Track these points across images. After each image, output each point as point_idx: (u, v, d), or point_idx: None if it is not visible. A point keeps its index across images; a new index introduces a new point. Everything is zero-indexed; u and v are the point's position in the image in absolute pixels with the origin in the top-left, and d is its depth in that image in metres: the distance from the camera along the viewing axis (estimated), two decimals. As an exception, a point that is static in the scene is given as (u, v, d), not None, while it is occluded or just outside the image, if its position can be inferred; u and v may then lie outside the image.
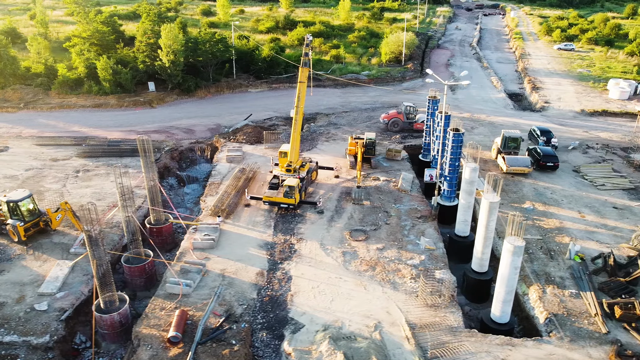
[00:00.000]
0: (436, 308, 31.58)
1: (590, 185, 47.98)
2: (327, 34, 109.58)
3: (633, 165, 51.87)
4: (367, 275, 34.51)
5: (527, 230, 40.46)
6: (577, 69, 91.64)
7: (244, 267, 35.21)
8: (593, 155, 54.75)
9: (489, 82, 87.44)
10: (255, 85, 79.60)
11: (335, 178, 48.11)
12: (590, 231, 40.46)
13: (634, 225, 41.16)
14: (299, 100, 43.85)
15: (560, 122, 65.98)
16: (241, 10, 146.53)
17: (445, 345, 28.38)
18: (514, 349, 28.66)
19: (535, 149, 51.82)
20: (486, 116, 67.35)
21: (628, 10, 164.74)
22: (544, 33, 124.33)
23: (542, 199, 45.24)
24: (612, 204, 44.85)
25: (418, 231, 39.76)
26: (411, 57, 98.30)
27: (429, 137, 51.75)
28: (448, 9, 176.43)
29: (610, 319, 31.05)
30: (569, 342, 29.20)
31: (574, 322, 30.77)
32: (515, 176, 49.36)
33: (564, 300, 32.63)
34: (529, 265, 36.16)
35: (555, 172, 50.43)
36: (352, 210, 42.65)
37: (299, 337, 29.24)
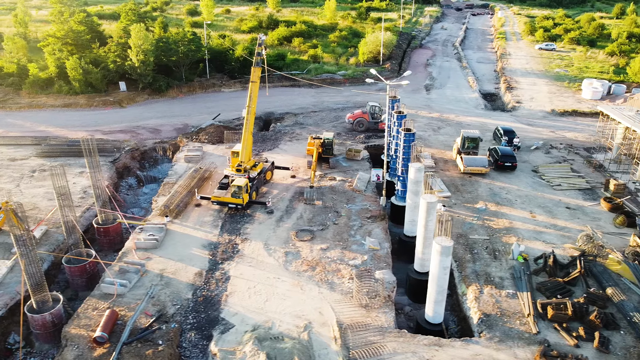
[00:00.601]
0: (370, 308, 31.51)
1: (547, 186, 47.92)
2: (308, 34, 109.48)
3: (593, 165, 51.80)
4: (306, 275, 34.47)
5: (475, 231, 40.50)
6: (554, 69, 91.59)
7: (184, 267, 35.17)
8: (555, 156, 54.68)
9: (465, 82, 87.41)
10: (228, 85, 79.57)
11: (292, 178, 48.06)
12: (538, 231, 40.40)
13: (583, 226, 41.09)
14: (251, 100, 43.80)
15: (529, 122, 65.93)
16: (227, 10, 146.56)
17: (370, 346, 28.32)
18: (440, 349, 28.60)
19: (495, 149, 51.76)
20: (455, 116, 67.29)
21: (616, 10, 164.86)
22: (527, 33, 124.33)
23: (496, 199, 45.18)
24: (565, 204, 44.78)
25: (365, 231, 39.72)
26: (390, 57, 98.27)
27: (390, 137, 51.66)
28: (436, 9, 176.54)
29: (543, 320, 31.01)
30: (497, 343, 29.15)
31: (506, 323, 30.72)
32: (473, 176, 49.30)
33: (499, 301, 32.57)
34: (470, 266, 36.12)
35: (514, 172, 50.36)
36: (303, 210, 42.60)
37: (227, 337, 29.19)
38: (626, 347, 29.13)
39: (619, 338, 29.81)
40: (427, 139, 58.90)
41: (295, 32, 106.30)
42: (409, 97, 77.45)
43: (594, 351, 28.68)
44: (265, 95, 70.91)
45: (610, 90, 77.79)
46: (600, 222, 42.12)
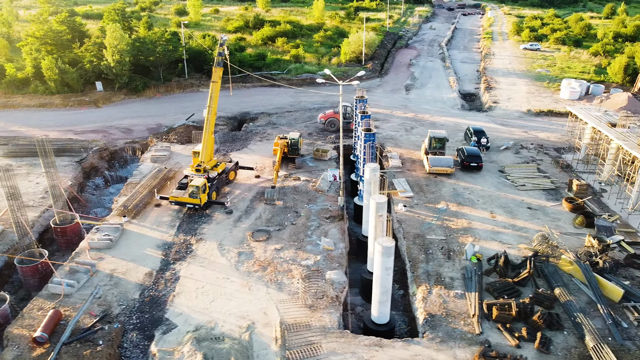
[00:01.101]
0: (315, 309, 31.49)
1: (511, 186, 47.89)
2: (293, 34, 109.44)
3: (560, 165, 51.76)
4: (256, 275, 34.46)
5: (433, 231, 40.48)
6: (536, 69, 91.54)
7: (135, 267, 35.17)
8: (524, 156, 54.64)
9: (446, 82, 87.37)
10: (207, 84, 79.08)
11: (256, 178, 48.06)
12: (496, 231, 40.37)
13: (542, 226, 41.06)
14: (211, 99, 43.80)
15: (503, 122, 65.91)
16: (216, 10, 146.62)
17: (308, 346, 28.30)
18: (381, 349, 28.59)
19: (462, 149, 51.74)
20: (430, 116, 67.26)
21: (607, 10, 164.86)
22: (513, 33, 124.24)
23: (458, 199, 45.15)
24: (528, 204, 44.75)
25: (322, 232, 39.70)
26: (373, 57, 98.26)
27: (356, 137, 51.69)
28: (427, 9, 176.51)
29: (488, 320, 30.99)
30: (438, 343, 29.13)
31: (450, 323, 30.70)
32: (439, 176, 49.27)
33: (447, 301, 32.55)
34: (423, 266, 36.10)
35: (480, 173, 50.32)
36: (263, 210, 42.60)
37: (169, 337, 29.19)
38: (567, 348, 29.12)
39: (562, 338, 29.80)
40: (398, 139, 58.89)
41: (280, 32, 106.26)
42: (387, 97, 77.61)
43: (535, 351, 28.67)
44: (230, 95, 70.98)
45: (589, 90, 77.72)
46: (560, 222, 42.10)
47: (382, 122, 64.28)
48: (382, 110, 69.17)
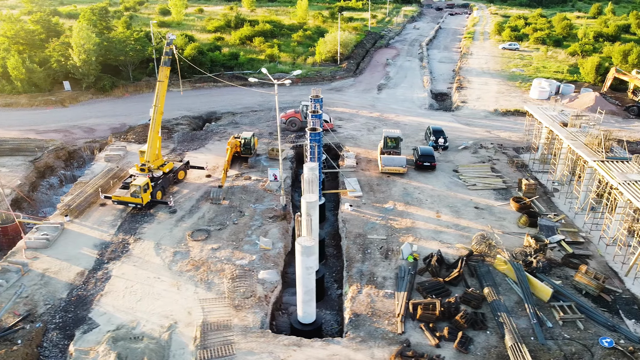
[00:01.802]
0: (241, 309, 31.44)
1: (462, 185, 47.83)
2: (272, 33, 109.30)
3: (515, 164, 51.69)
4: (188, 275, 34.41)
5: (375, 230, 40.44)
6: (511, 69, 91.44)
7: (68, 266, 35.11)
8: (482, 155, 54.58)
9: (420, 81, 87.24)
10: (177, 84, 79.31)
11: (207, 177, 47.99)
12: (439, 231, 40.32)
13: (485, 226, 41.03)
14: (158, 99, 43.70)
15: (468, 121, 65.84)
16: (200, 9, 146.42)
17: (226, 346, 28.25)
18: (299, 349, 28.55)
19: (417, 149, 51.68)
20: (395, 115, 67.19)
21: (593, 9, 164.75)
22: (495, 32, 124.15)
23: (407, 199, 45.10)
24: (476, 204, 44.69)
25: (263, 231, 39.65)
26: (350, 56, 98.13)
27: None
28: (414, 9, 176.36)
29: (412, 320, 30.95)
30: (358, 343, 29.09)
31: (374, 323, 30.66)
32: (392, 176, 49.22)
33: (375, 301, 32.51)
34: (358, 265, 36.06)
35: (434, 172, 50.27)
36: (207, 210, 42.55)
37: (89, 337, 29.13)
38: (488, 347, 29.09)
39: (484, 338, 29.77)
40: (359, 138, 58.83)
41: (258, 31, 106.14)
42: (358, 96, 77.52)
43: (454, 351, 28.65)
44: (198, 95, 70.98)
45: (559, 90, 77.66)
46: (505, 222, 42.06)
47: (345, 122, 64.25)
48: (349, 110, 69.13)
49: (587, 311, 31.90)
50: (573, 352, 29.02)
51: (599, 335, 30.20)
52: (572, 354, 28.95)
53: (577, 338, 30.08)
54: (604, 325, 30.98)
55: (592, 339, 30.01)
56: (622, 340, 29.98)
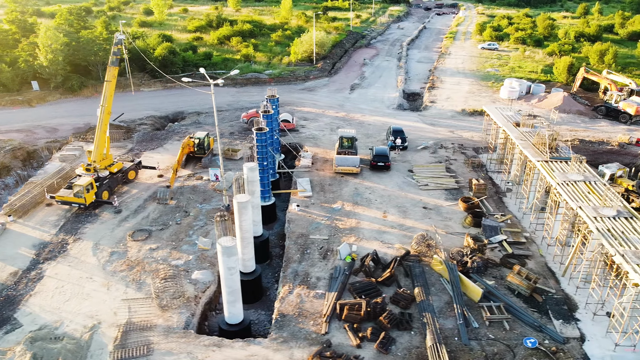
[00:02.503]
0: (168, 309, 31.39)
1: (415, 185, 47.77)
2: (251, 33, 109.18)
3: (471, 164, 51.64)
4: (121, 275, 34.37)
5: (319, 231, 40.40)
6: (486, 69, 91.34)
7: (2, 266, 35.06)
8: (440, 155, 54.53)
9: (394, 81, 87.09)
10: (148, 84, 79.49)
11: (159, 177, 47.94)
12: (382, 231, 40.27)
13: (430, 226, 40.98)
14: (105, 99, 43.64)
15: (433, 121, 65.78)
16: (185, 9, 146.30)
17: (145, 346, 28.20)
18: (218, 350, 28.51)
19: (372, 149, 51.64)
20: (361, 115, 67.12)
21: (580, 9, 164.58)
22: (477, 32, 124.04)
23: (356, 199, 45.05)
24: (425, 204, 44.64)
25: (205, 231, 39.60)
26: (327, 56, 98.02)
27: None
28: (401, 8, 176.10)
29: (339, 320, 30.89)
30: (280, 343, 29.05)
31: (299, 323, 30.62)
32: (346, 176, 49.16)
33: (304, 301, 32.47)
34: (294, 266, 36.02)
35: (389, 172, 50.21)
36: (153, 210, 42.51)
37: (10, 337, 29.10)
38: (409, 348, 29.06)
39: (407, 338, 29.74)
40: (320, 138, 58.77)
41: (237, 31, 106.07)
42: (329, 96, 77.44)
43: (374, 352, 28.60)
44: (167, 95, 70.72)
45: (531, 90, 77.57)
46: (451, 222, 42.02)
47: (310, 122, 64.22)
48: (316, 110, 69.09)
49: (516, 311, 31.87)
50: (495, 353, 29.00)
51: (524, 336, 30.18)
52: (494, 354, 28.93)
53: (502, 338, 30.05)
54: (531, 326, 30.96)
55: (517, 339, 30.00)
56: (547, 341, 29.98)
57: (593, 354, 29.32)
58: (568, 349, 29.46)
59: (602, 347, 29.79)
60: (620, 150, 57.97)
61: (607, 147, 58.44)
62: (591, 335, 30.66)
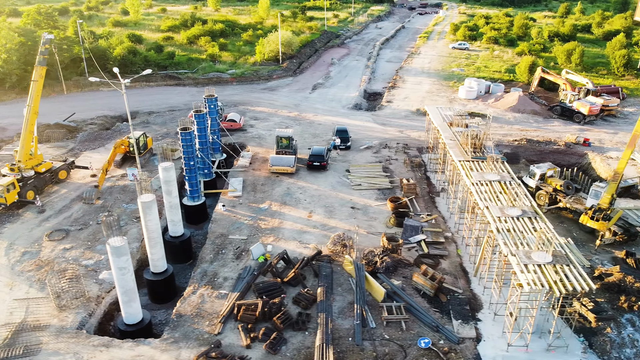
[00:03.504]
0: (65, 309, 31.35)
1: (348, 185, 47.70)
2: (221, 33, 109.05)
3: (410, 164, 51.58)
4: (27, 275, 34.33)
5: (240, 231, 40.36)
6: (452, 68, 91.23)
7: None
8: (383, 155, 54.45)
9: (358, 81, 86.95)
10: (107, 84, 79.16)
11: (92, 177, 47.89)
12: (303, 231, 40.22)
13: (353, 226, 40.90)
14: (31, 99, 43.57)
15: (385, 121, 65.70)
16: (163, 9, 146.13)
17: (32, 346, 28.15)
18: (105, 350, 28.46)
19: (310, 149, 51.59)
20: (313, 115, 67.02)
21: (562, 9, 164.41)
22: (451, 32, 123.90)
23: (286, 199, 44.99)
24: (354, 203, 44.57)
25: (123, 231, 39.53)
26: (294, 56, 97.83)
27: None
28: (382, 8, 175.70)
29: (235, 320, 30.83)
30: (170, 344, 29.01)
31: (194, 323, 30.57)
32: (281, 175, 49.10)
33: (205, 301, 32.43)
34: (205, 266, 36.01)
35: (326, 172, 50.14)
36: (78, 209, 42.48)
37: None
38: (300, 348, 29.02)
39: (300, 339, 29.69)
40: (266, 138, 58.67)
41: (207, 31, 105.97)
42: (288, 96, 77.30)
43: (263, 352, 28.55)
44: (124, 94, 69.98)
45: (490, 89, 77.49)
46: (376, 221, 41.99)
47: (260, 121, 64.15)
48: (269, 110, 69.02)
49: (416, 312, 31.81)
50: (386, 353, 28.94)
51: (421, 336, 30.13)
52: (384, 354, 28.87)
53: (397, 338, 30.00)
54: (429, 326, 30.91)
55: (413, 339, 29.95)
56: (442, 341, 29.92)
57: (485, 354, 29.30)
58: (461, 349, 29.43)
59: (496, 347, 29.78)
60: (566, 150, 57.91)
61: (553, 147, 58.37)
62: (488, 335, 30.65)
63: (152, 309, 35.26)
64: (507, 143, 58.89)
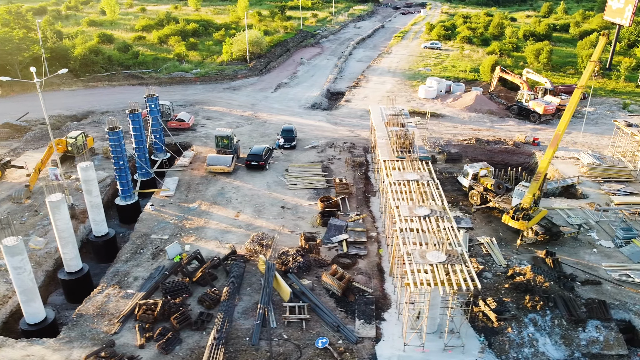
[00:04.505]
0: (-34, 308, 31.33)
1: (284, 185, 47.64)
2: (193, 32, 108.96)
3: (349, 164, 51.52)
4: (-63, 275, 34.28)
5: (163, 230, 40.33)
6: (419, 68, 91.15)
7: None
8: (327, 154, 54.39)
9: (324, 80, 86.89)
10: (69, 83, 79.36)
11: (27, 177, 47.80)
12: (226, 231, 40.17)
13: (279, 226, 40.85)
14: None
15: (338, 121, 65.67)
16: (143, 8, 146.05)
17: None
18: (-4, 349, 28.42)
19: (251, 148, 51.57)
20: (267, 115, 66.93)
21: (544, 8, 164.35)
22: (427, 31, 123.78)
23: (217, 199, 44.94)
24: (286, 203, 44.53)
25: (45, 231, 39.49)
26: (263, 55, 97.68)
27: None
28: (365, 7, 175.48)
29: (135, 320, 30.76)
30: (64, 343, 28.97)
31: (93, 323, 30.54)
32: (218, 175, 49.07)
33: (110, 301, 32.39)
34: (118, 265, 36.00)
35: (266, 171, 50.09)
36: (5, 209, 42.43)
37: None
38: (194, 348, 28.97)
39: (197, 338, 29.64)
40: (212, 137, 58.46)
41: (178, 30, 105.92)
42: (248, 95, 77.20)
43: (156, 352, 28.50)
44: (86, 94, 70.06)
45: (451, 89, 77.42)
46: (303, 221, 41.98)
47: (212, 121, 64.09)
48: (224, 109, 68.96)
49: (320, 311, 31.75)
50: (281, 353, 28.89)
51: (321, 336, 30.07)
52: (279, 354, 28.82)
53: (296, 338, 29.95)
54: (330, 326, 30.84)
55: (312, 339, 29.89)
56: (341, 341, 29.88)
57: (382, 354, 29.27)
58: (358, 349, 29.39)
59: (394, 347, 29.74)
60: (515, 150, 57.88)
61: (502, 147, 58.32)
62: (390, 335, 30.61)
63: (67, 308, 35.21)
64: (456, 142, 58.85)
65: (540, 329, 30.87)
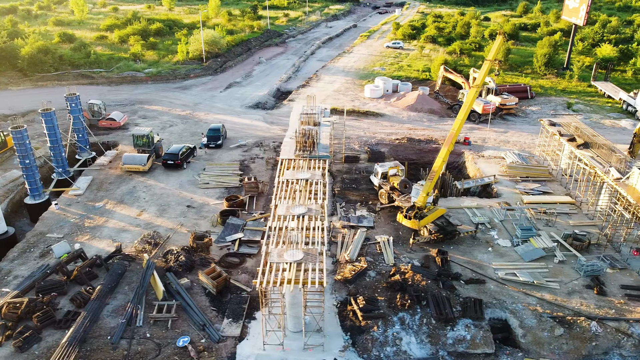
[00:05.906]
0: None
1: (196, 184, 47.64)
2: (157, 32, 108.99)
3: (267, 163, 51.54)
4: None
5: (60, 229, 40.39)
6: (374, 67, 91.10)
7: None
8: (252, 153, 54.43)
9: (276, 79, 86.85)
10: (17, 82, 79.34)
11: (-57, 176, 47.92)
12: (123, 230, 40.19)
13: (176, 224, 40.85)
14: None
15: (274, 120, 65.68)
16: (115, 8, 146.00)
17: None
18: None
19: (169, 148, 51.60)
20: (205, 114, 66.91)
21: (520, 8, 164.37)
22: (393, 31, 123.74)
23: (125, 198, 44.95)
24: (192, 202, 44.54)
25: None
26: (221, 55, 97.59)
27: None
28: (342, 7, 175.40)
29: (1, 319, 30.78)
30: None
31: (-42, 322, 30.49)
32: (134, 174, 49.07)
33: (-18, 300, 32.35)
34: (4, 264, 36.01)
35: (183, 170, 50.09)
36: None
37: None
38: (50, 347, 28.91)
39: (58, 337, 29.57)
40: (145, 137, 58.58)
41: (140, 30, 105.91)
42: (196, 95, 77.15)
43: (11, 350, 28.50)
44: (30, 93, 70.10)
45: (398, 88, 77.36)
46: (203, 220, 41.98)
47: (147, 120, 64.09)
48: (163, 108, 68.95)
49: (190, 310, 31.74)
50: (139, 351, 28.87)
51: (186, 334, 30.07)
52: (137, 352, 28.80)
53: (160, 337, 29.94)
54: (197, 325, 30.83)
55: (176, 337, 29.88)
56: (204, 340, 29.88)
57: (241, 352, 29.31)
58: (218, 348, 29.40)
59: (255, 346, 29.75)
60: (445, 149, 57.70)
61: (433, 146, 58.25)
62: (256, 334, 30.58)
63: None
64: (387, 142, 58.91)
65: (407, 328, 30.85)
